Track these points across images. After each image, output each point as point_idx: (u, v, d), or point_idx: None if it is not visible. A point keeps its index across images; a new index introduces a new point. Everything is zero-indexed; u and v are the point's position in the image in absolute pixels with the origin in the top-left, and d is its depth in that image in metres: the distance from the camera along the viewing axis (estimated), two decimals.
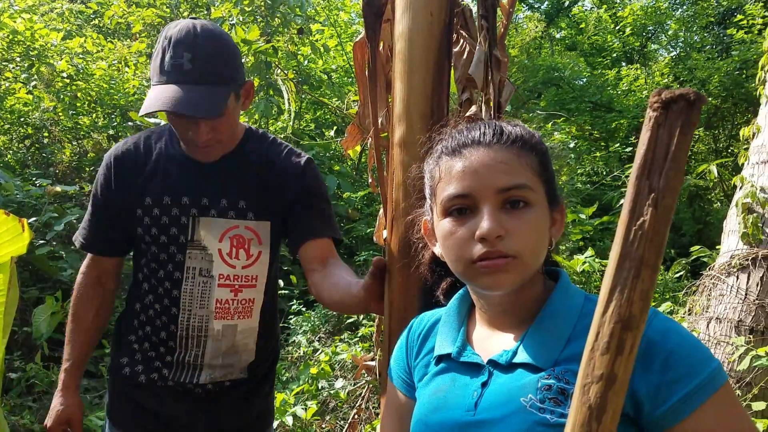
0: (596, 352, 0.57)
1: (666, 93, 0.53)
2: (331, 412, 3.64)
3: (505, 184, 0.90)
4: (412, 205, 1.29)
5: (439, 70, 1.25)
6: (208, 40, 1.47)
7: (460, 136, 0.97)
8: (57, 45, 6.55)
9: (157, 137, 1.68)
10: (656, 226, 0.54)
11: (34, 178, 4.84)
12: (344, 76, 7.71)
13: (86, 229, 1.72)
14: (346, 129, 1.73)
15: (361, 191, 6.08)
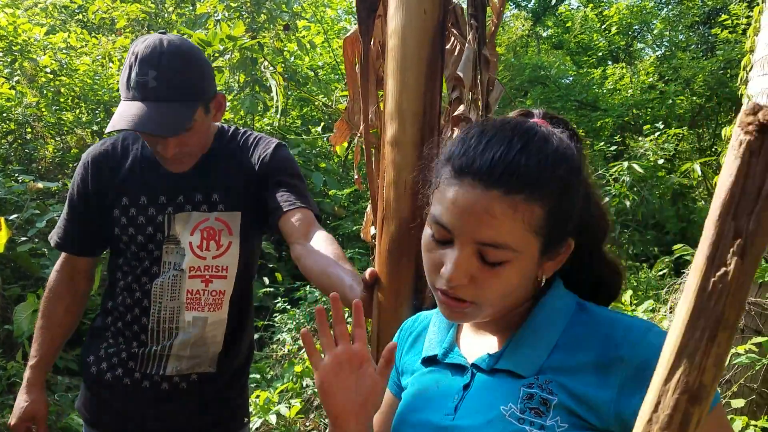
0: (654, 425, 0.47)
1: (763, 113, 0.42)
2: (315, 410, 3.63)
3: (483, 239, 0.81)
4: (404, 204, 1.28)
5: (432, 68, 1.24)
6: (174, 56, 1.49)
7: (473, 152, 0.84)
8: (40, 40, 6.46)
9: (134, 139, 1.71)
10: (741, 278, 0.44)
11: (17, 174, 4.77)
12: (330, 73, 7.68)
13: (61, 228, 1.74)
14: (335, 125, 1.72)
15: (347, 188, 6.07)
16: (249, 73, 5.71)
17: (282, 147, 1.72)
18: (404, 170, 1.28)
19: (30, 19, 7.29)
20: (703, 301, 0.45)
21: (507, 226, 0.80)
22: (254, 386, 3.79)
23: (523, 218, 0.80)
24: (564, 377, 0.84)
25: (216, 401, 1.73)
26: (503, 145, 0.82)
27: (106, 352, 1.70)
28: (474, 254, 0.83)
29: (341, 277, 1.40)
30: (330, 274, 1.43)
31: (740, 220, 0.44)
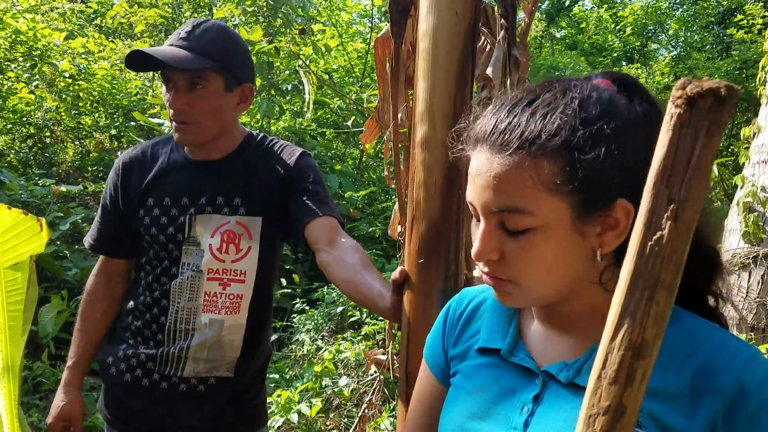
0: (603, 381, 0.51)
1: (692, 86, 0.45)
2: (335, 410, 3.64)
3: (495, 205, 0.75)
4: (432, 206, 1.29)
5: (463, 69, 1.25)
6: (216, 25, 1.60)
7: (482, 119, 0.80)
8: (59, 45, 6.55)
9: (164, 144, 1.76)
10: (675, 242, 0.46)
11: (38, 178, 4.83)
12: (345, 76, 7.71)
13: (95, 231, 1.79)
14: (365, 123, 1.73)
15: (362, 190, 6.09)
16: (265, 77, 5.75)
17: (306, 156, 1.73)
18: (434, 171, 1.29)
19: (49, 24, 7.38)
20: (641, 264, 0.48)
21: (515, 186, 0.74)
22: (274, 386, 3.81)
23: (531, 176, 0.73)
24: (654, 405, 0.73)
25: (233, 403, 1.73)
26: (510, 106, 0.78)
27: (125, 354, 1.71)
28: (497, 226, 0.78)
29: (370, 284, 1.41)
30: (358, 282, 1.43)
31: (673, 188, 0.47)
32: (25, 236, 1.20)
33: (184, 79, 1.55)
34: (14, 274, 1.20)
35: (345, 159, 6.94)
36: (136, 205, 1.69)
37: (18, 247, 1.20)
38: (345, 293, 1.54)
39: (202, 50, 1.54)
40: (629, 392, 0.50)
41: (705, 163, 0.47)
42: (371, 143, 1.78)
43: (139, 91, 6.63)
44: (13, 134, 5.92)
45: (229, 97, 1.62)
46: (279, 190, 1.67)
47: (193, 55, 1.53)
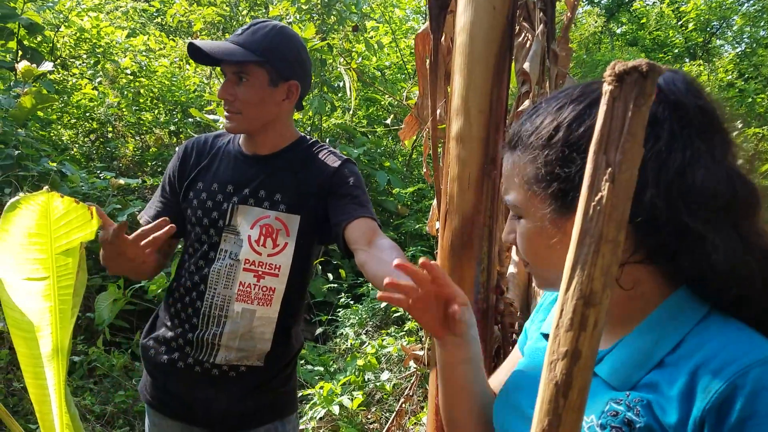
0: (560, 329, 0.56)
1: (619, 66, 0.52)
2: (377, 404, 3.67)
3: (503, 196, 0.89)
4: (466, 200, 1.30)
5: (500, 64, 1.25)
6: (273, 26, 1.68)
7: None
8: (121, 43, 6.79)
9: (226, 136, 1.87)
10: (614, 200, 0.53)
11: (99, 171, 5.02)
12: (397, 73, 7.72)
13: (151, 207, 1.89)
14: (404, 119, 1.75)
15: (411, 187, 6.09)
16: (318, 74, 5.82)
17: (350, 162, 1.79)
18: (468, 165, 1.29)
19: (112, 22, 7.67)
20: (586, 222, 0.54)
21: (509, 182, 0.86)
22: (318, 378, 3.87)
23: (518, 173, 0.84)
24: (653, 397, 0.75)
25: (262, 389, 1.79)
26: (532, 107, 0.87)
27: (163, 336, 1.79)
28: (513, 214, 0.88)
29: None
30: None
31: (610, 153, 0.53)
32: (77, 223, 1.27)
33: (232, 72, 1.66)
34: (65, 260, 1.26)
35: (395, 156, 6.95)
36: (188, 186, 1.79)
37: (69, 233, 1.26)
38: (381, 290, 1.56)
39: (249, 45, 1.63)
40: (583, 337, 0.55)
41: (636, 130, 0.53)
42: (410, 139, 1.79)
43: (197, 88, 6.81)
44: (76, 129, 6.17)
45: (272, 91, 1.69)
46: (320, 192, 1.72)
47: (239, 49, 1.62)
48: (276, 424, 1.82)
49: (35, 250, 1.19)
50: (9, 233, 1.19)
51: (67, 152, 5.52)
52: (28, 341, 1.16)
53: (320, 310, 4.91)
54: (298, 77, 1.73)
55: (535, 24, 1.42)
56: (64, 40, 6.66)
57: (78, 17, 6.80)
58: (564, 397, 0.56)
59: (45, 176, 4.14)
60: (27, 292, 1.16)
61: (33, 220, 1.18)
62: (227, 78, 1.68)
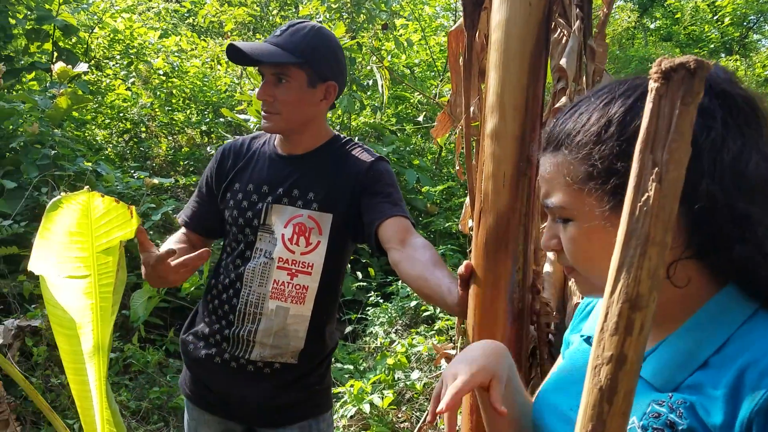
0: (605, 333, 0.56)
1: (666, 62, 0.51)
2: (407, 403, 3.66)
3: (543, 199, 0.85)
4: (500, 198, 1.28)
5: (536, 61, 1.23)
6: (310, 27, 1.70)
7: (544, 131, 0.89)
8: (154, 43, 6.89)
9: (261, 138, 1.90)
10: (661, 201, 0.52)
11: (133, 171, 5.11)
12: (427, 70, 7.70)
13: (188, 208, 1.95)
14: (437, 117, 1.74)
15: (440, 185, 6.07)
16: (347, 73, 5.83)
17: (382, 160, 1.80)
18: (503, 163, 1.28)
19: (144, 23, 7.80)
20: (633, 223, 0.54)
21: (552, 182, 0.83)
22: (348, 376, 3.88)
23: (563, 172, 0.81)
24: (696, 398, 0.73)
25: (296, 386, 1.81)
26: (570, 106, 0.85)
27: (202, 332, 1.83)
28: (553, 218, 0.86)
29: (439, 281, 1.43)
30: (427, 278, 1.46)
31: (656, 153, 0.53)
32: (117, 222, 1.29)
33: (271, 74, 1.68)
34: (105, 258, 1.29)
35: (424, 154, 6.93)
36: (225, 188, 1.83)
37: (110, 232, 1.29)
38: (415, 290, 1.56)
39: (289, 47, 1.65)
40: (629, 342, 0.54)
41: (683, 128, 0.52)
42: (443, 137, 1.78)
43: (228, 89, 6.89)
44: (110, 129, 6.28)
45: (311, 92, 1.71)
46: (352, 190, 1.73)
47: (278, 50, 1.64)
48: (311, 421, 1.84)
49: (76, 249, 1.22)
50: (51, 232, 1.22)
51: (101, 152, 5.62)
52: (70, 338, 1.19)
53: (349, 308, 4.93)
54: (336, 78, 1.76)
55: (572, 20, 1.40)
56: (98, 42, 6.80)
57: (111, 18, 6.93)
58: (609, 402, 0.55)
59: (81, 176, 4.23)
60: (69, 289, 1.19)
61: (74, 219, 1.21)
62: (266, 79, 1.70)
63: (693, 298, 0.79)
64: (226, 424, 1.85)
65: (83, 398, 1.23)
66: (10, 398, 2.91)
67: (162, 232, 4.76)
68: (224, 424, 1.85)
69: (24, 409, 3.16)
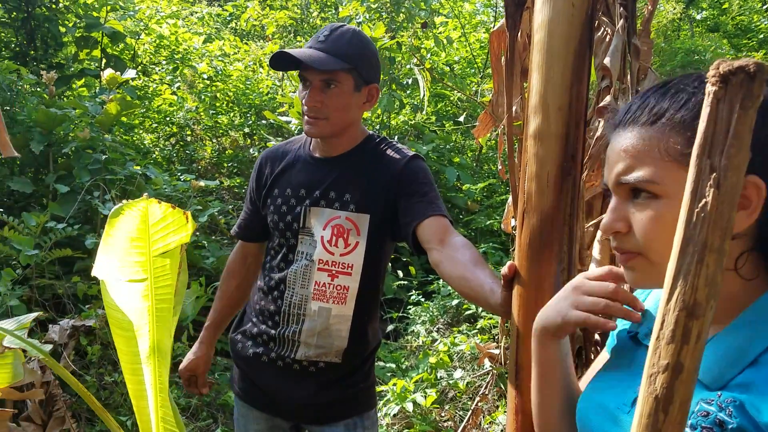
0: (662, 341, 0.55)
1: (724, 65, 0.49)
2: (450, 402, 3.67)
3: (620, 176, 0.81)
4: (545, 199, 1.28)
5: (580, 61, 1.22)
6: (350, 30, 1.73)
7: (620, 112, 0.87)
8: (198, 48, 7.04)
9: (296, 142, 1.94)
10: (719, 207, 0.51)
11: (179, 174, 5.24)
12: (466, 68, 7.66)
13: (239, 220, 2.04)
14: (479, 117, 1.75)
15: (481, 183, 6.03)
16: (386, 72, 5.86)
17: (417, 158, 1.80)
18: (547, 163, 1.27)
19: (189, 28, 7.97)
20: (690, 230, 0.53)
21: (643, 157, 0.79)
22: (390, 375, 3.90)
23: (658, 147, 0.78)
24: (752, 400, 0.72)
25: (341, 385, 1.85)
26: (644, 91, 0.84)
27: (250, 332, 1.89)
28: (626, 198, 0.82)
29: (481, 281, 1.42)
30: (469, 279, 1.45)
31: (714, 158, 0.51)
32: (173, 227, 1.34)
33: (320, 80, 1.70)
34: (163, 261, 1.34)
35: (464, 151, 6.91)
36: (265, 195, 1.88)
37: (166, 237, 1.34)
38: (457, 290, 1.57)
39: (337, 52, 1.68)
40: (686, 350, 0.53)
41: (742, 134, 0.51)
42: (484, 137, 1.78)
43: (269, 91, 6.98)
44: (157, 133, 6.44)
45: (357, 96, 1.75)
46: (388, 190, 1.75)
47: (328, 57, 1.67)
48: (355, 419, 1.87)
49: (136, 253, 1.27)
50: (113, 237, 1.27)
51: (149, 156, 5.77)
52: (128, 340, 1.24)
53: (391, 307, 4.95)
54: (377, 80, 1.79)
55: (615, 18, 1.39)
56: (144, 48, 6.98)
57: (157, 24, 7.10)
58: (664, 411, 0.55)
59: (131, 179, 4.35)
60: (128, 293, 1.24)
61: (134, 224, 1.26)
62: (314, 85, 1.71)
63: (745, 294, 0.78)
64: (273, 420, 1.90)
65: (139, 397, 1.28)
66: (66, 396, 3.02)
67: (208, 233, 4.87)
68: (272, 420, 1.90)
69: (79, 407, 3.27)
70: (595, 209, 1.74)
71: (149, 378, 1.22)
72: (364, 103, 1.78)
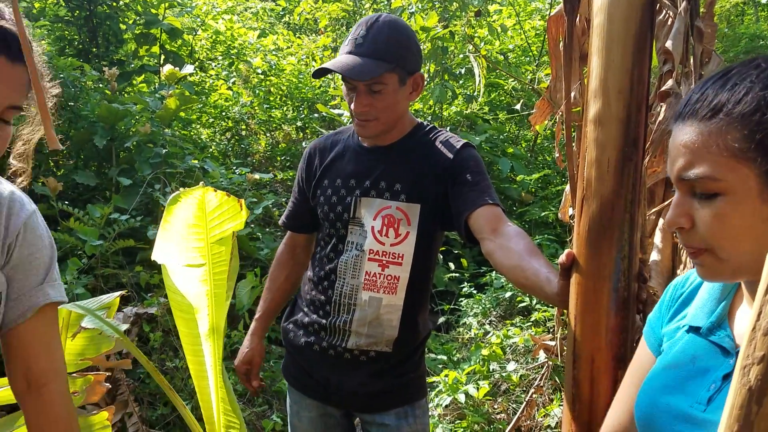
0: (758, 332, 0.53)
1: None
2: (503, 395, 3.63)
3: (684, 172, 0.81)
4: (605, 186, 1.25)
5: (640, 43, 1.19)
6: (386, 23, 1.68)
7: (681, 103, 0.86)
8: (253, 43, 7.16)
9: (344, 132, 1.94)
10: None
11: (235, 167, 5.35)
12: (521, 56, 7.53)
13: (288, 210, 2.04)
14: (536, 104, 1.72)
15: (536, 173, 5.93)
16: (439, 62, 5.82)
17: (469, 146, 1.78)
18: (608, 148, 1.24)
19: (243, 24, 8.11)
20: None
21: (702, 153, 0.79)
22: (441, 367, 3.89)
23: (717, 143, 0.78)
24: None
25: (392, 374, 1.85)
26: (705, 80, 0.83)
27: (301, 321, 1.91)
28: (688, 194, 0.82)
29: (536, 270, 1.40)
30: (524, 268, 1.43)
31: None
32: (228, 215, 1.38)
33: (364, 85, 1.68)
34: (219, 248, 1.37)
35: (518, 141, 6.80)
36: (315, 185, 1.89)
37: (222, 224, 1.37)
38: (511, 280, 1.54)
39: (377, 54, 1.65)
40: None
41: None
42: (541, 124, 1.75)
43: (321, 84, 7.04)
44: (214, 128, 6.58)
45: (403, 89, 1.73)
46: (439, 179, 1.73)
47: (370, 62, 1.64)
48: (406, 408, 1.87)
49: (194, 239, 1.30)
50: (171, 224, 1.31)
51: (206, 150, 5.91)
52: (188, 322, 1.28)
53: (442, 299, 4.93)
54: (419, 67, 1.77)
55: (677, 1, 1.34)
56: (201, 43, 7.14)
57: (213, 20, 7.25)
58: (757, 403, 0.53)
59: (190, 173, 4.47)
60: (187, 277, 1.28)
61: (191, 212, 1.30)
62: (359, 90, 1.69)
63: None
64: (325, 408, 1.92)
65: (200, 377, 1.32)
66: (129, 380, 3.14)
67: (262, 225, 4.96)
68: (323, 408, 1.92)
69: (141, 391, 3.39)
70: (657, 196, 1.69)
71: (209, 359, 1.25)
72: (410, 93, 1.77)
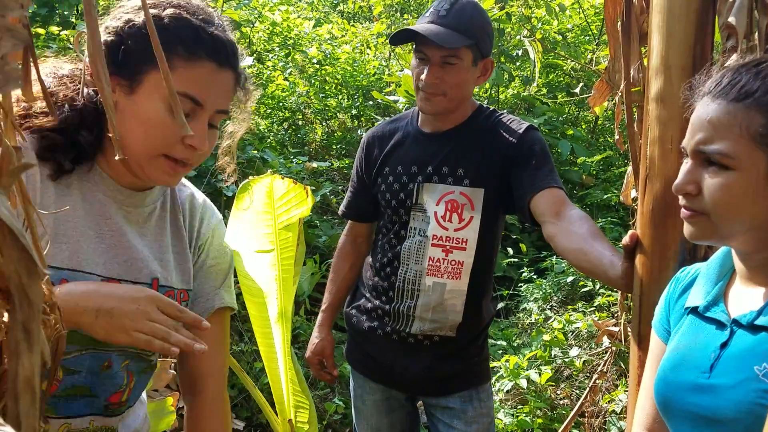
0: None
1: None
2: (566, 380, 3.60)
3: (698, 145, 0.89)
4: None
5: (702, 19, 1.17)
6: (470, 2, 1.70)
7: (714, 77, 0.93)
8: (308, 33, 7.24)
9: (402, 119, 1.94)
10: None
11: (293, 156, 5.45)
12: (580, 35, 7.34)
13: (346, 199, 2.06)
14: (594, 85, 1.69)
15: (597, 155, 5.79)
16: (496, 44, 5.75)
17: (533, 129, 1.77)
18: (670, 126, 1.23)
19: (299, 14, 8.20)
20: None
21: (723, 131, 0.86)
22: (501, 352, 3.89)
23: (740, 124, 0.85)
24: None
25: (455, 358, 1.86)
26: (739, 66, 0.90)
27: (365, 307, 1.93)
28: (701, 165, 0.90)
29: (600, 253, 1.39)
30: (587, 252, 1.42)
31: None
32: (295, 201, 1.43)
33: (439, 56, 1.68)
34: (286, 234, 1.43)
35: (578, 123, 6.66)
36: (375, 174, 1.89)
37: (289, 210, 1.43)
38: (573, 264, 1.54)
39: (459, 27, 1.66)
40: None
41: None
42: (601, 106, 1.73)
43: (376, 72, 7.07)
44: (272, 118, 6.71)
45: (473, 70, 1.74)
46: (503, 162, 1.73)
47: (452, 33, 1.65)
48: (471, 391, 1.89)
49: (263, 226, 1.36)
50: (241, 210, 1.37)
51: (265, 140, 6.04)
52: (258, 305, 1.34)
53: (501, 284, 4.90)
54: (491, 53, 1.77)
55: None
56: (258, 35, 7.26)
57: (270, 12, 7.37)
58: None
59: (250, 163, 4.59)
60: (257, 262, 1.34)
61: (261, 199, 1.35)
62: (433, 61, 1.69)
63: None
64: (389, 392, 1.95)
65: (270, 360, 1.38)
66: None
67: (320, 213, 5.04)
68: (387, 392, 1.95)
69: None
70: None
71: (279, 342, 1.31)
72: (478, 77, 1.77)
